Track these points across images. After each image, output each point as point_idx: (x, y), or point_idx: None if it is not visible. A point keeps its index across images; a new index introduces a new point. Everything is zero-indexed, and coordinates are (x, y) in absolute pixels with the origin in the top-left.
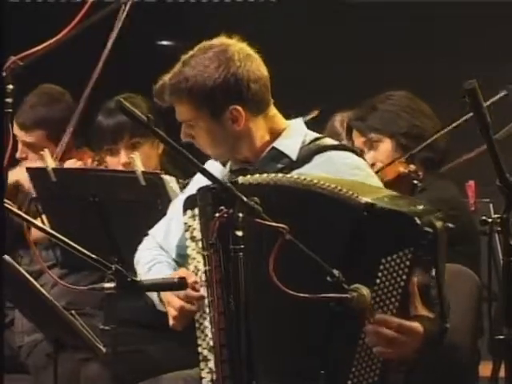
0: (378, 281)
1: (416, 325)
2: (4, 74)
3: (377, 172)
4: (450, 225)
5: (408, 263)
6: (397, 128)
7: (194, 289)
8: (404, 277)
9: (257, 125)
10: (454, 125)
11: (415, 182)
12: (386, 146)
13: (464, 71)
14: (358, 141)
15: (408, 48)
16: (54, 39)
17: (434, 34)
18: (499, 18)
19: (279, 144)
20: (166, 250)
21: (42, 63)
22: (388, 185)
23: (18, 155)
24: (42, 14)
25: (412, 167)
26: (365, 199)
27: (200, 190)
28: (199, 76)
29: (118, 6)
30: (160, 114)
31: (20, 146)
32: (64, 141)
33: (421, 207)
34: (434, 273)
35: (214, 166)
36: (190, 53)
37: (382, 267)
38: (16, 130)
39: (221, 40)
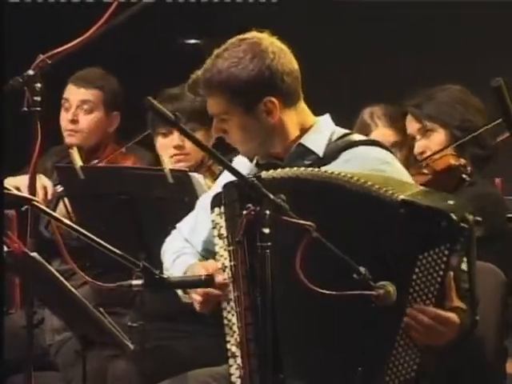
0: (414, 277)
1: (453, 315)
2: (32, 72)
3: (425, 159)
4: (479, 218)
5: (445, 259)
6: (451, 119)
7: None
8: (441, 272)
9: (289, 117)
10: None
11: (464, 176)
12: (439, 136)
13: (465, 71)
14: (413, 126)
15: (410, 48)
16: (82, 38)
17: (437, 34)
18: (501, 18)
19: (306, 140)
20: (191, 244)
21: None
22: (437, 175)
23: (69, 117)
24: (70, 13)
25: (462, 161)
26: (401, 196)
27: (225, 186)
28: (233, 68)
29: (145, 5)
30: None
31: (73, 108)
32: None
33: (452, 202)
34: (465, 266)
35: (242, 162)
36: (223, 46)
37: (419, 263)
38: (71, 91)
39: (253, 34)
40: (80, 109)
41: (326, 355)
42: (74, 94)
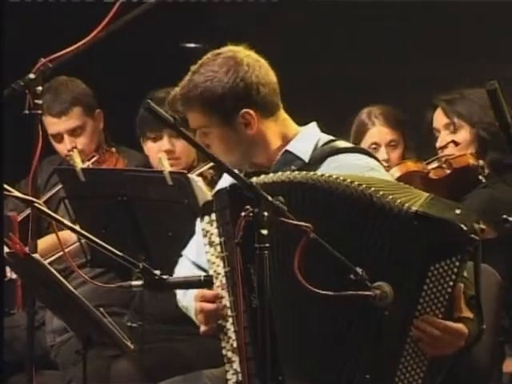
0: (425, 287)
1: (461, 326)
2: (33, 75)
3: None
4: (483, 226)
5: (456, 270)
6: (480, 121)
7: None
8: (451, 283)
9: (269, 128)
10: None
11: (480, 177)
12: (465, 134)
13: (464, 72)
14: (440, 120)
15: (409, 48)
16: (82, 42)
17: (436, 34)
18: (501, 18)
19: (292, 147)
20: (200, 266)
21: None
22: (455, 172)
23: (68, 147)
24: (72, 14)
25: (481, 162)
26: (414, 208)
27: (216, 193)
28: (209, 82)
29: (149, 7)
30: None
31: (67, 139)
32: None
33: (459, 211)
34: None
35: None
36: (199, 62)
37: (430, 274)
38: (54, 125)
39: (229, 48)
40: (73, 135)
41: (325, 358)
42: (59, 125)
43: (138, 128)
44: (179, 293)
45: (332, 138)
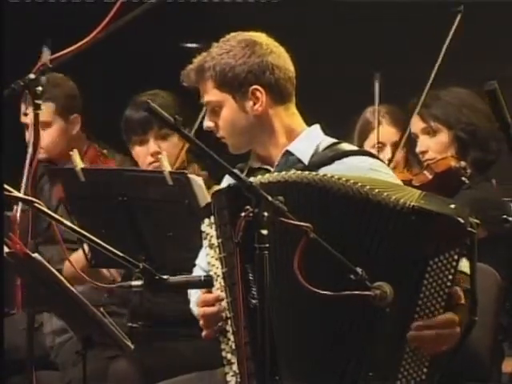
0: (425, 282)
1: (449, 316)
2: (33, 76)
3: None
4: (476, 220)
5: (454, 264)
6: (456, 122)
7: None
8: (450, 277)
9: (277, 115)
10: None
11: (463, 178)
12: (443, 136)
13: (464, 72)
14: (417, 125)
15: (408, 48)
16: (82, 42)
17: (436, 34)
18: (501, 18)
19: (292, 147)
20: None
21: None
22: (437, 176)
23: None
24: (72, 14)
25: (463, 163)
26: (412, 203)
27: (214, 195)
28: (225, 54)
29: (149, 7)
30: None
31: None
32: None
33: (453, 206)
34: (466, 268)
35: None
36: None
37: (429, 269)
38: (23, 115)
39: (251, 32)
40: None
41: (326, 358)
42: (28, 116)
43: (123, 134)
44: (192, 301)
45: (335, 140)
